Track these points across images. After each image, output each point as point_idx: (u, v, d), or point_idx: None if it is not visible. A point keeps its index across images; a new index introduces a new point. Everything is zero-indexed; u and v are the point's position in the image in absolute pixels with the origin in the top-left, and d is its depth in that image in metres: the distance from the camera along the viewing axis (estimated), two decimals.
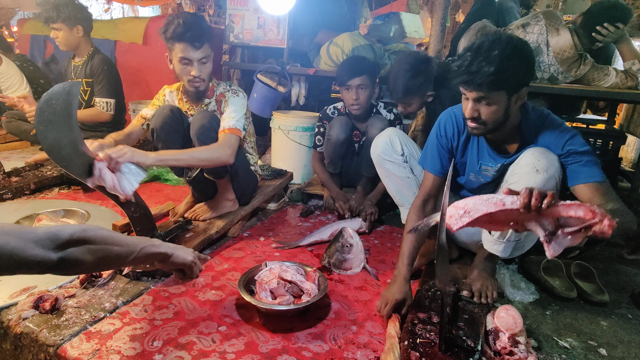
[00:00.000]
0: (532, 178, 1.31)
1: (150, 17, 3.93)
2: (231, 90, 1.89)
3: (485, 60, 1.23)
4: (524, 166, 1.35)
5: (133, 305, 1.37)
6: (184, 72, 1.76)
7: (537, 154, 1.34)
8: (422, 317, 1.30)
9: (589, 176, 1.30)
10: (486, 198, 1.00)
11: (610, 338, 1.37)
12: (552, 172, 1.31)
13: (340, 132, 2.18)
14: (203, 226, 1.86)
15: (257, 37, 3.01)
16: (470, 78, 1.26)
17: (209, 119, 1.76)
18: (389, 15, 4.64)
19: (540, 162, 1.31)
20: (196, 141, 1.76)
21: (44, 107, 1.19)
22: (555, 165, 1.32)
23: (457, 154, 1.59)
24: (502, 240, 1.45)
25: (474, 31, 2.44)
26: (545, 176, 1.30)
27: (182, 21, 1.68)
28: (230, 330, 1.28)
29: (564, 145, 1.35)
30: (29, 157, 2.77)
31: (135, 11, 8.90)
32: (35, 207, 2.09)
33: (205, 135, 1.74)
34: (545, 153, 1.34)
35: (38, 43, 4.45)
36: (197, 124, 1.75)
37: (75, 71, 2.61)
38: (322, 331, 1.30)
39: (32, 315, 1.26)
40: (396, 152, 1.79)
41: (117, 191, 1.36)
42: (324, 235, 1.94)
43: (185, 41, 1.68)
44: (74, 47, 2.54)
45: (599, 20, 2.14)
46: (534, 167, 1.32)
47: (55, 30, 2.44)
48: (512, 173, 1.40)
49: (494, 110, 1.31)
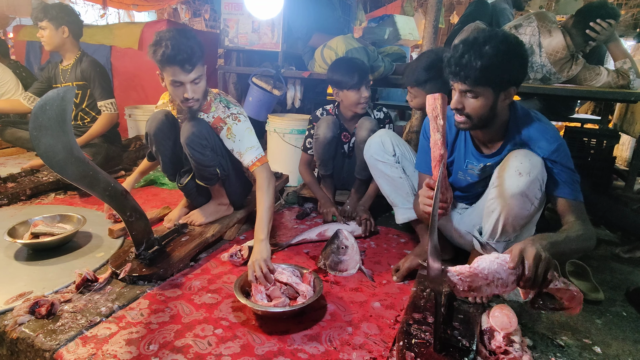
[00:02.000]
0: (514, 181, 1.32)
1: (145, 23, 3.95)
2: (231, 117, 1.79)
3: (475, 55, 1.25)
4: (507, 169, 1.35)
5: (129, 309, 1.37)
6: (176, 93, 1.69)
7: (520, 156, 1.34)
8: (417, 318, 1.31)
9: (568, 193, 1.35)
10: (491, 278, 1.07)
11: (605, 336, 1.38)
12: (535, 175, 1.31)
13: (327, 131, 2.17)
14: (199, 230, 1.86)
15: (252, 41, 3.02)
16: (458, 70, 1.28)
17: (198, 127, 1.72)
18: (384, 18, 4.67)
19: (523, 164, 1.32)
20: (185, 147, 1.74)
21: (38, 112, 1.19)
22: (538, 167, 1.32)
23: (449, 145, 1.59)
24: (491, 242, 1.45)
25: (467, 32, 2.46)
26: (528, 179, 1.30)
27: (171, 44, 1.57)
28: (226, 333, 1.28)
29: (551, 153, 1.36)
30: (24, 163, 2.77)
31: (131, 16, 8.93)
32: (31, 213, 2.09)
33: (195, 143, 1.72)
34: (529, 155, 1.34)
35: (34, 49, 4.47)
36: (188, 131, 1.72)
37: (64, 75, 2.63)
38: (317, 333, 1.30)
39: (28, 321, 1.26)
40: (388, 152, 1.80)
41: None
42: (312, 234, 1.96)
43: (176, 65, 1.60)
44: (58, 48, 2.56)
45: (591, 18, 2.17)
46: (516, 170, 1.32)
47: (42, 29, 2.48)
48: (497, 175, 1.41)
49: (479, 105, 1.33)
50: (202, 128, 1.74)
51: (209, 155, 1.78)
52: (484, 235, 1.45)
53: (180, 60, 1.60)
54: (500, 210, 1.36)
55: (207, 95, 1.82)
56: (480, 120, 1.37)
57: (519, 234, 1.44)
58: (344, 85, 2.11)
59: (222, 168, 1.87)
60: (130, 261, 1.58)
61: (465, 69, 1.26)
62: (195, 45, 1.64)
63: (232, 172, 1.92)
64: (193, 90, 1.68)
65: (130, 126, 3.45)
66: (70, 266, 1.62)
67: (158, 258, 1.62)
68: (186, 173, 1.92)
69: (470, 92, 1.31)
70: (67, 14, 2.52)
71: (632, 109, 2.94)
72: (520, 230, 1.43)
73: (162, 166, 1.90)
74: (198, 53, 1.64)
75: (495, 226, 1.39)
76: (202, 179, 1.86)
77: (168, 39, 1.59)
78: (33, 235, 1.74)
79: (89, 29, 3.79)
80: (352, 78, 2.07)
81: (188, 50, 1.60)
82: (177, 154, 1.90)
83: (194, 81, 1.67)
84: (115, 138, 2.84)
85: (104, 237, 1.89)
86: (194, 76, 1.65)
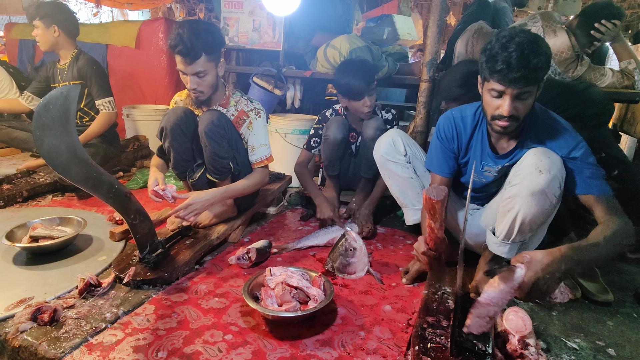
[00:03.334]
0: (534, 179, 1.30)
1: (142, 21, 3.88)
2: (254, 111, 1.87)
3: (529, 55, 1.22)
4: (527, 167, 1.33)
5: (135, 314, 1.34)
6: (183, 81, 1.75)
7: (539, 154, 1.33)
8: (431, 321, 1.29)
9: (595, 189, 1.33)
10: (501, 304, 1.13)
11: (618, 338, 1.37)
12: (554, 172, 1.30)
13: (337, 132, 2.16)
14: (203, 232, 1.83)
15: (253, 40, 2.99)
16: (517, 76, 1.24)
17: (218, 117, 1.75)
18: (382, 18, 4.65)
19: (542, 162, 1.31)
20: (203, 136, 1.74)
21: (41, 112, 1.15)
22: (557, 165, 1.31)
23: (460, 153, 1.58)
24: (507, 242, 1.44)
25: (470, 32, 2.45)
26: (548, 176, 1.29)
27: (179, 33, 1.62)
28: (237, 338, 1.25)
29: (570, 151, 1.35)
30: (19, 164, 2.71)
31: (124, 15, 8.82)
32: (29, 215, 2.04)
33: (214, 132, 1.74)
34: (548, 153, 1.33)
35: (27, 48, 4.38)
36: (207, 120, 1.74)
37: (62, 74, 2.58)
38: (329, 337, 1.27)
39: (30, 328, 1.22)
40: (399, 152, 1.77)
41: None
42: (321, 240, 1.93)
43: (179, 54, 1.65)
44: (52, 47, 2.51)
45: (596, 18, 2.16)
46: (536, 168, 1.31)
47: (36, 28, 2.43)
48: (515, 174, 1.39)
49: (528, 105, 1.32)
50: (222, 118, 1.76)
51: (225, 147, 1.78)
52: (499, 235, 1.43)
53: (181, 51, 1.65)
54: (519, 209, 1.33)
55: (223, 89, 1.87)
56: (524, 119, 1.36)
57: (534, 234, 1.42)
58: (347, 95, 2.09)
59: (236, 162, 1.87)
60: (134, 265, 1.54)
61: (524, 72, 1.23)
62: (201, 40, 1.65)
63: (243, 169, 1.89)
64: (197, 82, 1.72)
65: (128, 126, 3.39)
66: (72, 270, 1.57)
67: (162, 261, 1.58)
68: (198, 168, 1.88)
69: (524, 93, 1.28)
70: (60, 11, 2.46)
71: (632, 109, 2.94)
72: (536, 230, 1.41)
73: (173, 163, 1.86)
74: (200, 48, 1.65)
75: (512, 225, 1.37)
76: (214, 172, 1.84)
77: (178, 30, 1.64)
78: (32, 238, 1.69)
79: (84, 27, 3.72)
80: (354, 90, 2.04)
81: (189, 44, 1.63)
82: (191, 152, 1.87)
83: (197, 74, 1.70)
84: (114, 138, 2.79)
85: (104, 240, 1.84)
86: (197, 69, 1.68)
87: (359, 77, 2.04)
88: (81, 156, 1.28)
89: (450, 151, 1.57)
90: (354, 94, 2.05)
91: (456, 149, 1.58)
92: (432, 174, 1.61)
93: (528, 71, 1.23)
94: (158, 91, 3.77)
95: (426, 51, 2.36)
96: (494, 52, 1.27)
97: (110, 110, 2.59)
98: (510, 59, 1.24)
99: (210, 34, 1.69)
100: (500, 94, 1.31)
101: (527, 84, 1.26)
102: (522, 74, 1.23)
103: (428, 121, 2.43)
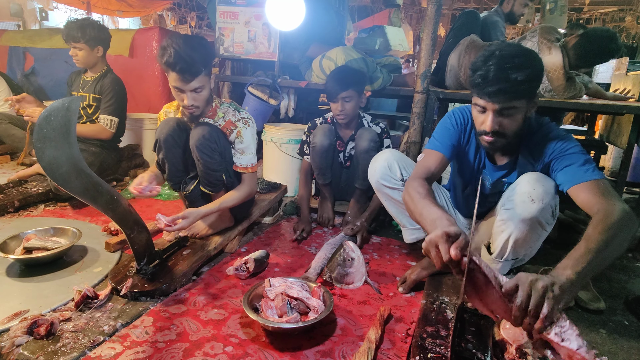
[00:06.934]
0: (527, 207, 1.30)
1: (137, 30, 3.88)
2: (242, 120, 1.84)
3: (513, 69, 1.19)
4: (520, 194, 1.32)
5: (133, 327, 1.32)
6: (178, 98, 1.73)
7: (532, 182, 1.31)
8: (430, 331, 1.30)
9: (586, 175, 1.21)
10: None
11: (611, 346, 1.40)
12: (547, 201, 1.29)
13: (323, 139, 2.20)
14: (200, 243, 1.82)
15: (248, 50, 3.01)
16: (497, 90, 1.21)
17: (209, 130, 1.74)
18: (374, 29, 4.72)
19: (535, 190, 1.29)
20: (195, 151, 1.74)
21: (42, 123, 1.15)
22: (551, 193, 1.30)
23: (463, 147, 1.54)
24: (499, 260, 1.46)
25: (463, 46, 2.50)
26: (540, 206, 1.29)
27: (174, 52, 1.58)
28: (237, 350, 1.24)
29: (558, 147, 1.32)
30: (11, 174, 2.67)
31: (115, 22, 8.78)
32: (22, 226, 2.01)
33: (205, 146, 1.73)
34: (542, 180, 1.31)
35: (17, 55, 4.33)
36: (198, 134, 1.73)
37: (84, 85, 2.61)
38: (330, 348, 1.28)
39: (26, 342, 1.20)
40: (395, 177, 1.72)
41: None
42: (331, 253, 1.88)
43: (176, 72, 1.62)
44: (91, 66, 2.58)
45: (594, 46, 2.21)
46: (529, 196, 1.30)
47: (76, 49, 2.47)
48: (508, 199, 1.38)
49: (517, 120, 1.28)
50: (213, 132, 1.75)
51: (217, 159, 1.78)
52: (493, 252, 1.45)
53: (180, 69, 1.62)
54: (511, 232, 1.35)
55: (211, 101, 1.85)
56: (514, 135, 1.32)
57: (528, 252, 1.45)
58: (326, 95, 2.24)
59: (229, 174, 1.87)
60: (131, 276, 1.53)
61: (503, 85, 1.20)
62: (199, 56, 1.64)
63: (236, 180, 1.89)
64: (193, 98, 1.70)
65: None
66: (67, 282, 1.55)
67: (160, 273, 1.57)
68: (192, 180, 1.89)
69: (510, 109, 1.25)
70: (102, 32, 2.53)
71: (618, 120, 3.03)
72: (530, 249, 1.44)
73: (168, 174, 1.86)
74: (200, 64, 1.65)
75: (505, 246, 1.39)
76: (208, 184, 1.84)
77: (173, 46, 1.60)
78: (26, 250, 1.66)
79: None
80: (328, 89, 2.19)
81: (189, 60, 1.61)
82: (185, 163, 1.87)
83: (195, 90, 1.69)
84: (114, 148, 2.78)
85: (100, 250, 1.82)
86: (194, 86, 1.67)
87: (335, 78, 2.17)
88: (82, 168, 1.27)
89: (457, 134, 1.51)
90: (329, 93, 2.19)
91: (461, 135, 1.53)
92: (429, 152, 1.51)
93: (508, 85, 1.20)
94: (151, 100, 3.76)
95: (420, 63, 2.40)
96: (476, 66, 1.27)
97: (108, 128, 2.58)
98: (489, 72, 1.21)
99: (205, 48, 1.69)
100: (483, 109, 1.29)
101: (510, 99, 1.23)
102: (500, 87, 1.21)
103: (422, 132, 2.47)
